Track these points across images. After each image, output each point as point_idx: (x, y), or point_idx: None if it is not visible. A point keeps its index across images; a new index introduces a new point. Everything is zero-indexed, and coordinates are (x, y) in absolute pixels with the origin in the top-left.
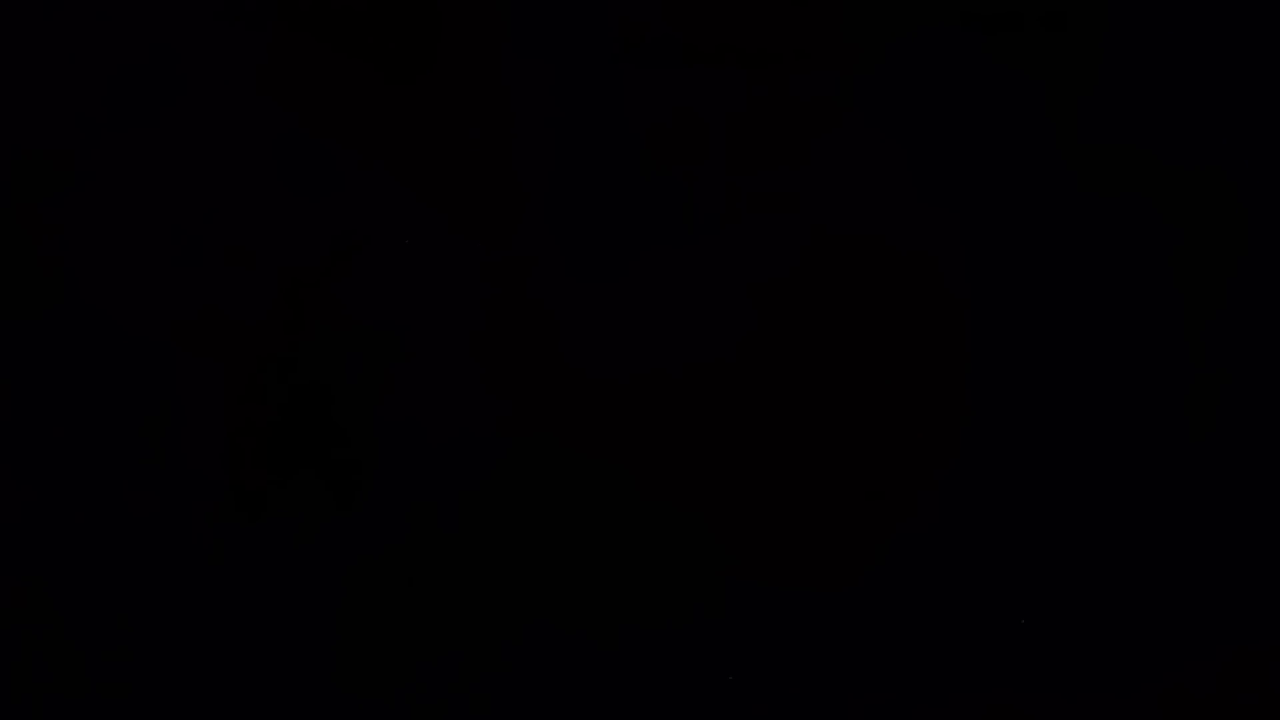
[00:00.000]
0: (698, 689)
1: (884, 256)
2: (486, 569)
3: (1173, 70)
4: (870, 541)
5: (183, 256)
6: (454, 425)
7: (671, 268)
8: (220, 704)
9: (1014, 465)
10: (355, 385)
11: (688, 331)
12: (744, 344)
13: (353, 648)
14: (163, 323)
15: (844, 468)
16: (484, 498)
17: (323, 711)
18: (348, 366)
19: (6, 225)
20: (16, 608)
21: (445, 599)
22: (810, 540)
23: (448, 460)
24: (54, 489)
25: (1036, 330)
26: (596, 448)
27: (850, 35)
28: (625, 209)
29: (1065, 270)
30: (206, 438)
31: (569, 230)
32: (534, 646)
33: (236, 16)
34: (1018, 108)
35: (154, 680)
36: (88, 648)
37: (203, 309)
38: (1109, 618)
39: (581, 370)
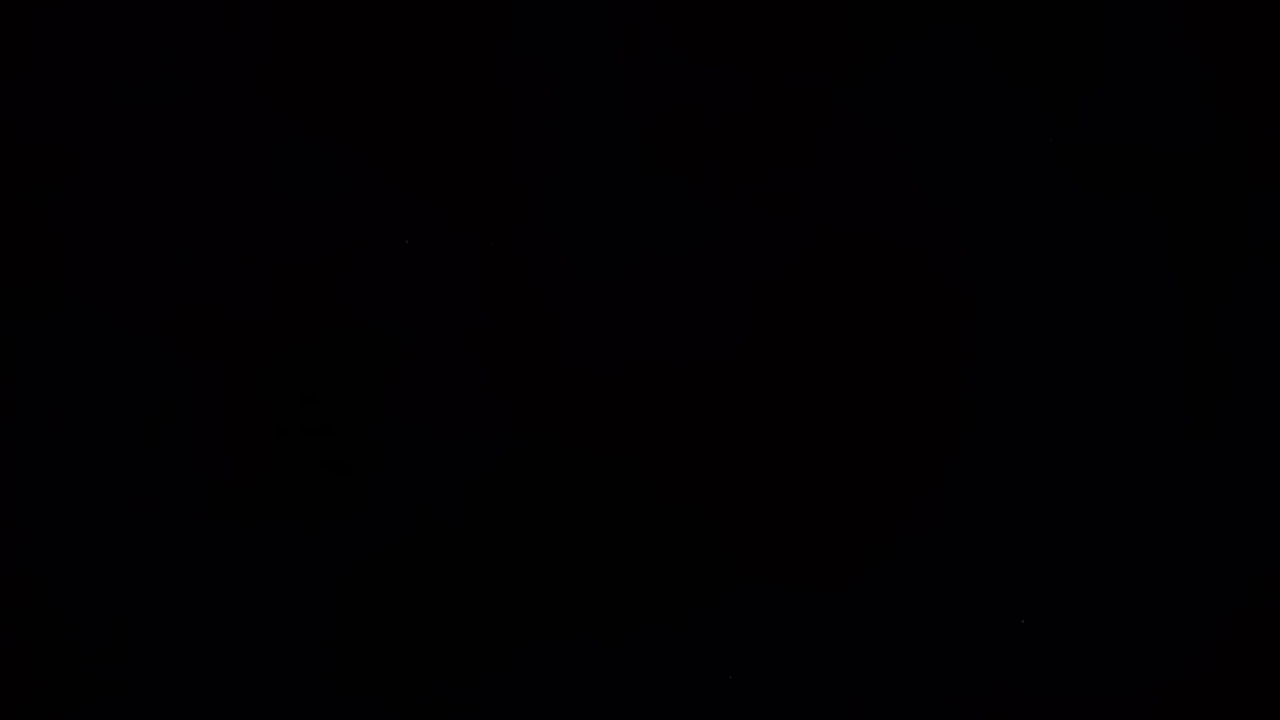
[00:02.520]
0: (698, 689)
1: (884, 256)
2: (486, 568)
3: (1172, 70)
4: (870, 541)
5: (183, 256)
6: (454, 425)
7: (671, 267)
8: (219, 704)
9: (1014, 465)
10: (355, 385)
11: (688, 330)
12: (744, 342)
13: (352, 648)
14: (163, 322)
15: (845, 467)
16: (484, 497)
17: (323, 712)
18: (348, 366)
19: (6, 225)
20: (16, 607)
21: (445, 598)
22: (811, 540)
23: (448, 460)
24: (54, 488)
25: (1037, 330)
26: (597, 446)
27: (850, 35)
28: (626, 208)
29: (1066, 270)
30: (206, 438)
31: (569, 229)
32: (534, 646)
33: (237, 16)
34: (1017, 107)
35: (153, 680)
36: (87, 647)
37: (203, 309)
38: (1109, 618)
39: (582, 368)
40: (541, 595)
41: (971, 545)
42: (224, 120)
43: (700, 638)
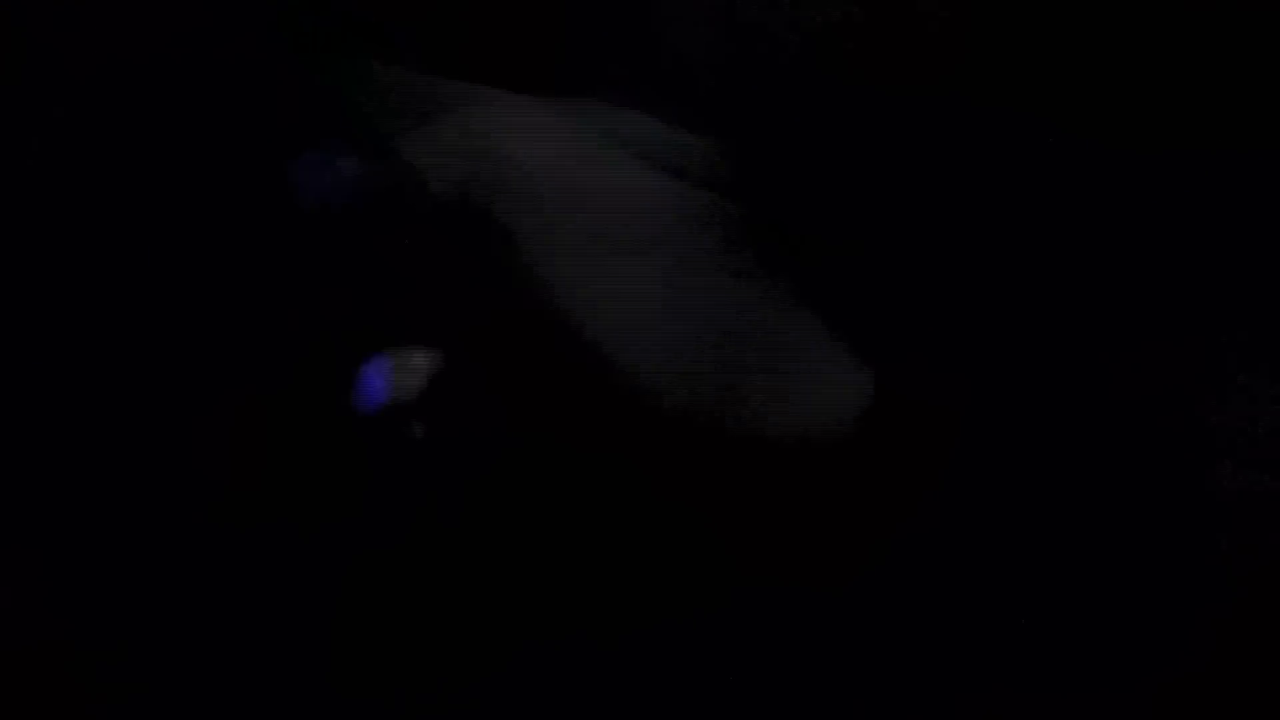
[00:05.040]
0: (698, 689)
1: (884, 255)
2: (486, 568)
3: (1171, 69)
4: (870, 541)
5: (182, 256)
6: (454, 425)
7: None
8: (219, 704)
9: (1014, 465)
10: (355, 385)
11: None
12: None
13: (353, 648)
14: (161, 322)
15: (844, 466)
16: (484, 497)
17: (323, 712)
18: (348, 366)
19: (6, 225)
20: (14, 608)
21: (445, 598)
22: (810, 540)
23: (448, 460)
24: (53, 489)
25: (1038, 328)
26: (597, 446)
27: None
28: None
29: (1065, 269)
30: (206, 437)
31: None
32: (534, 646)
33: (237, 16)
34: (1016, 107)
35: (152, 680)
36: (85, 648)
37: (202, 309)
38: (1109, 618)
39: (581, 368)
40: (541, 595)
41: (971, 545)
42: (223, 117)
43: (700, 638)
